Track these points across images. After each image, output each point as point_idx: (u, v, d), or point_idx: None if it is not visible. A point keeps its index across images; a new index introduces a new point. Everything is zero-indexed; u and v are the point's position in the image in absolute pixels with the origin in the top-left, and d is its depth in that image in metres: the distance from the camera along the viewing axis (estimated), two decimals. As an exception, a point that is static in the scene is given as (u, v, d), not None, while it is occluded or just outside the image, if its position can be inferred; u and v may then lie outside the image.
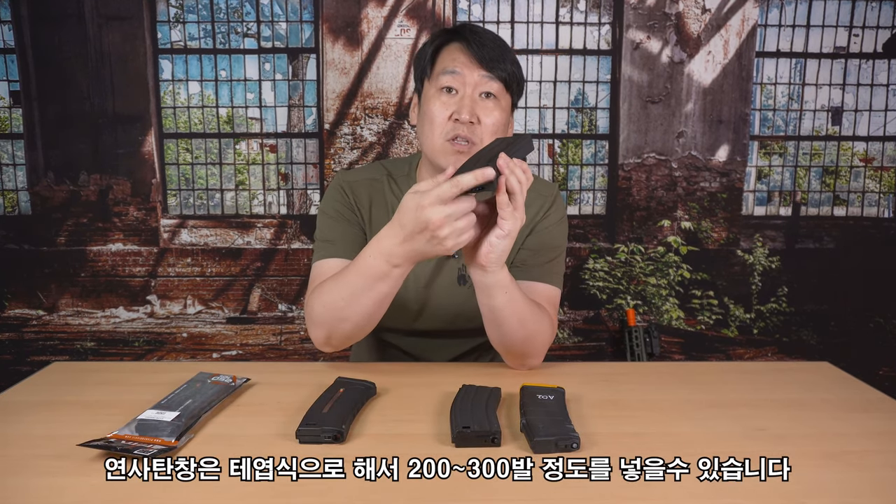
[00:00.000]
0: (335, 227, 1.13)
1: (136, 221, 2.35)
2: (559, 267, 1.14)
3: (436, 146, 1.04)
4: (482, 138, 1.02)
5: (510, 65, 1.04)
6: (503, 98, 1.05)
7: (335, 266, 1.06)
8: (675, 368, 1.11)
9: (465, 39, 1.03)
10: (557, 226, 1.15)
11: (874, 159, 2.41)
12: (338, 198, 1.15)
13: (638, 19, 2.30)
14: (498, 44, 1.04)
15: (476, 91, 1.03)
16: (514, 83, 1.05)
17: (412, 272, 1.12)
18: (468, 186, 0.79)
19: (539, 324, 1.01)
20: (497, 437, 0.78)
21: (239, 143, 2.35)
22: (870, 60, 2.35)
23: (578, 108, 2.36)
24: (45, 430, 0.83)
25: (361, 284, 0.92)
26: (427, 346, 1.21)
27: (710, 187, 2.39)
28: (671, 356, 2.43)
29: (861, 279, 2.42)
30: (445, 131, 1.03)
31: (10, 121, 2.30)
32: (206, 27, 2.28)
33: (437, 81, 1.04)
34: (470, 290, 1.14)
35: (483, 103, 1.03)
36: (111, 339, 2.40)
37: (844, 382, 1.02)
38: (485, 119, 1.02)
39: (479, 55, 1.02)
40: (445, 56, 1.05)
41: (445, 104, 1.03)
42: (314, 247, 1.14)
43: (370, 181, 1.17)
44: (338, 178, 1.18)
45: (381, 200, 1.15)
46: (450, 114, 1.02)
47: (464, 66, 1.02)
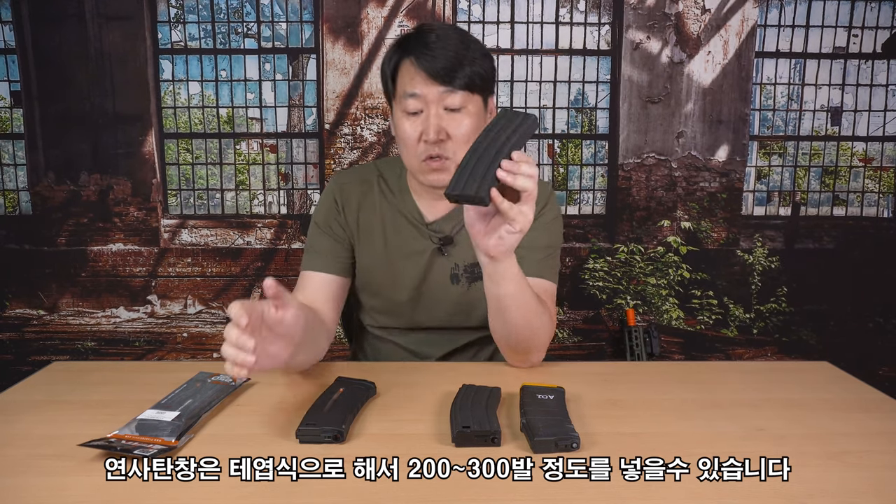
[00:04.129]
0: (321, 239, 1.16)
1: (137, 221, 2.35)
2: (555, 263, 1.15)
3: (413, 167, 1.07)
4: (455, 151, 1.03)
5: (470, 67, 1.00)
6: (471, 103, 1.03)
7: (317, 280, 1.12)
8: (674, 368, 1.11)
9: (417, 54, 1.00)
10: (553, 223, 1.16)
11: (874, 159, 2.41)
12: (328, 208, 1.17)
13: (638, 19, 2.30)
14: (452, 49, 1.00)
15: (439, 107, 1.01)
16: (478, 83, 1.02)
17: (402, 273, 1.15)
18: (244, 325, 0.73)
19: (542, 318, 1.01)
20: (497, 437, 0.78)
21: (239, 143, 2.35)
22: (869, 60, 2.35)
23: (578, 108, 2.36)
24: (45, 430, 0.83)
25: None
26: (425, 341, 1.21)
27: (709, 187, 2.39)
28: (671, 356, 2.43)
29: (861, 279, 2.42)
30: (418, 153, 1.04)
31: (11, 121, 2.30)
32: (206, 27, 2.29)
33: (401, 104, 1.04)
34: (463, 287, 1.15)
35: (449, 117, 1.02)
36: (111, 339, 2.40)
37: (844, 382, 1.02)
38: (454, 132, 1.02)
39: (433, 71, 0.99)
40: (404, 75, 1.03)
41: (413, 126, 1.03)
42: (304, 250, 1.18)
43: (361, 182, 1.18)
44: (332, 182, 1.20)
45: (369, 203, 1.17)
46: (418, 135, 1.03)
47: (421, 85, 1.00)
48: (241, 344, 0.71)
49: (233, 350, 0.71)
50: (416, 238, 1.15)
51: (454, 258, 1.15)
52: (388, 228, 1.16)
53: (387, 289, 1.17)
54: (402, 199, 1.16)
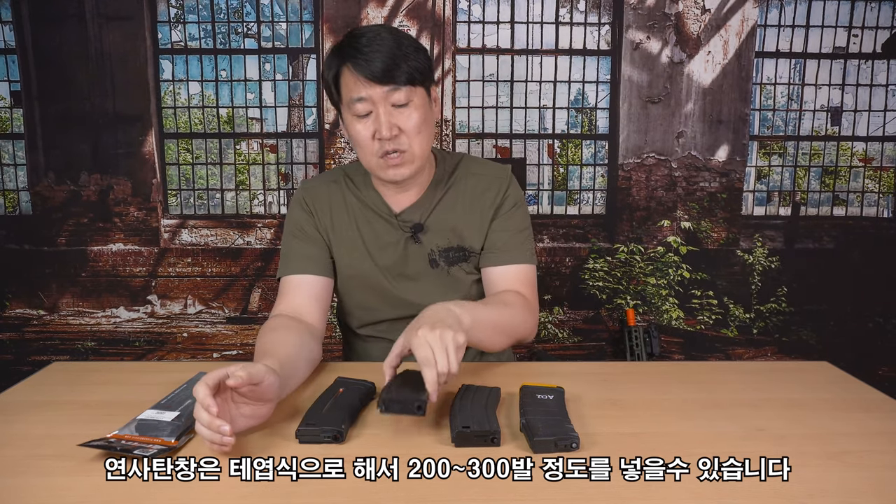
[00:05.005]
0: (295, 244, 1.19)
1: (137, 221, 2.35)
2: (529, 244, 1.20)
3: (371, 165, 1.10)
4: (410, 143, 1.07)
5: (405, 63, 1.03)
6: (415, 95, 1.06)
7: (297, 283, 1.15)
8: (674, 368, 1.12)
9: (353, 61, 1.03)
10: (518, 209, 1.20)
11: (873, 159, 2.41)
12: (296, 214, 1.21)
13: (638, 19, 2.30)
14: (385, 48, 1.02)
15: (387, 105, 1.04)
16: (418, 77, 1.05)
17: (383, 263, 1.18)
18: (214, 413, 0.72)
19: (519, 321, 1.07)
20: (497, 437, 0.78)
21: (239, 143, 2.35)
22: (869, 61, 2.35)
23: (578, 108, 2.36)
24: (45, 430, 0.83)
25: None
26: None
27: (709, 187, 2.39)
28: (671, 356, 2.43)
29: (861, 279, 2.42)
30: (374, 151, 1.07)
31: (11, 121, 2.30)
32: (206, 27, 2.29)
33: (350, 109, 1.06)
34: (443, 271, 1.19)
35: (398, 112, 1.05)
36: (112, 339, 2.40)
37: (844, 382, 1.02)
38: (405, 125, 1.06)
39: (372, 73, 1.02)
40: (347, 81, 1.06)
41: (365, 127, 1.06)
42: (280, 259, 1.21)
43: (329, 185, 1.21)
44: (298, 190, 1.23)
45: (340, 202, 1.20)
46: (372, 134, 1.06)
47: (365, 88, 1.03)
48: (216, 428, 0.72)
49: (208, 432, 0.72)
50: (389, 230, 1.18)
51: (428, 244, 1.19)
52: (360, 223, 1.19)
53: (371, 279, 1.19)
54: (368, 195, 1.19)
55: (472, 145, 2.37)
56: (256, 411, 0.80)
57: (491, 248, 1.18)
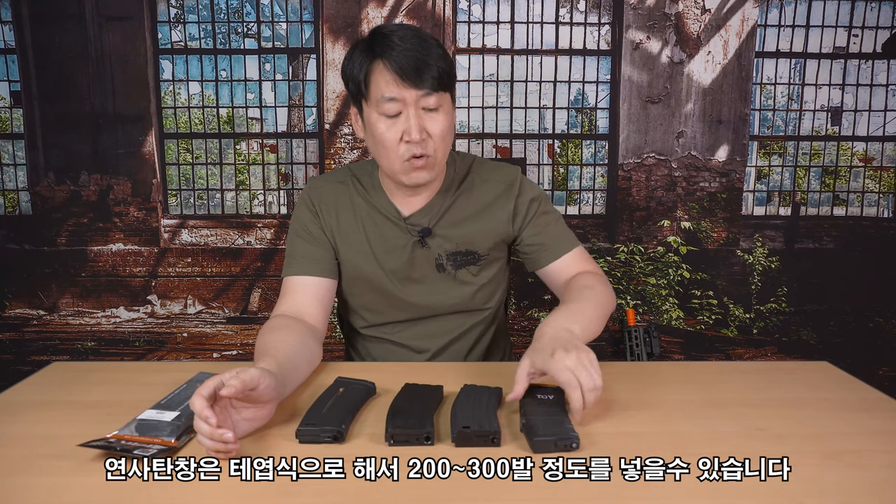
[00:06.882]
0: (300, 245, 1.17)
1: (137, 221, 2.35)
2: (565, 228, 1.22)
3: (395, 169, 1.07)
4: (436, 148, 1.05)
5: (436, 64, 1.02)
6: (444, 101, 1.05)
7: (301, 283, 1.13)
8: (675, 368, 1.12)
9: (387, 58, 1.01)
10: (540, 204, 1.20)
11: (874, 159, 2.41)
12: (301, 214, 1.19)
13: (638, 19, 2.30)
14: (418, 46, 1.01)
15: (417, 108, 1.03)
16: (446, 81, 1.04)
17: (389, 266, 1.17)
18: (213, 424, 0.72)
19: (602, 297, 1.08)
20: (497, 437, 0.78)
21: (239, 143, 2.35)
22: (869, 61, 2.35)
23: (578, 108, 2.36)
24: (45, 430, 0.83)
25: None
26: (420, 333, 1.22)
27: (709, 187, 2.39)
28: (671, 356, 2.43)
29: (861, 279, 2.42)
30: (400, 154, 1.05)
31: (11, 121, 2.30)
32: (206, 27, 2.29)
33: (377, 107, 1.04)
34: (450, 275, 1.18)
35: (427, 116, 1.04)
36: (111, 339, 2.40)
37: (844, 382, 1.02)
38: (434, 130, 1.04)
39: (407, 72, 1.00)
40: (377, 78, 1.02)
41: (392, 128, 1.04)
42: (285, 258, 1.19)
43: (335, 185, 1.20)
44: (306, 189, 1.21)
45: (347, 203, 1.18)
46: (399, 136, 1.03)
47: (398, 88, 1.01)
48: (218, 437, 0.72)
49: (211, 443, 0.72)
50: (396, 233, 1.17)
51: (436, 249, 1.18)
52: (367, 226, 1.17)
53: (377, 282, 1.18)
54: (376, 198, 1.18)
55: (472, 145, 2.37)
56: (257, 413, 0.81)
57: (540, 248, 1.19)
